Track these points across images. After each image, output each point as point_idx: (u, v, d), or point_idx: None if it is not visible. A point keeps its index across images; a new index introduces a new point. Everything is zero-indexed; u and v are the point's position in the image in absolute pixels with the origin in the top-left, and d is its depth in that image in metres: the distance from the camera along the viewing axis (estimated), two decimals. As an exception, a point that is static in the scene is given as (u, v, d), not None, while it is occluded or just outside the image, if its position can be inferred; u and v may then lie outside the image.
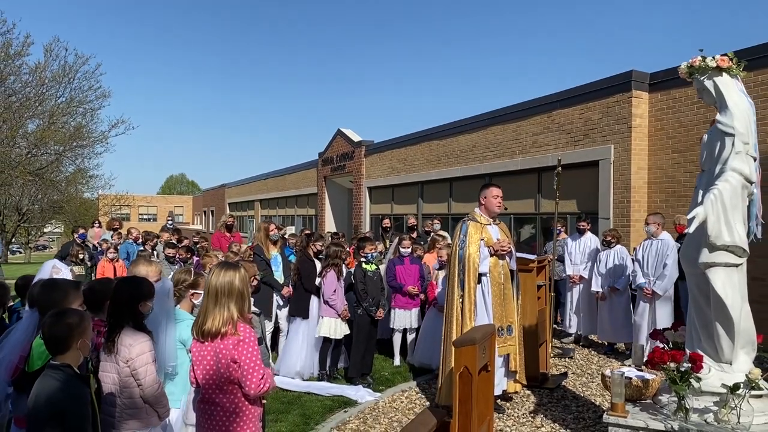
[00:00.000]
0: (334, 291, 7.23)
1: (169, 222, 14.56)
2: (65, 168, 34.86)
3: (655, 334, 4.93)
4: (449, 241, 8.63)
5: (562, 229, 10.11)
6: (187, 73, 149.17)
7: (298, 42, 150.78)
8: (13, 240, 41.80)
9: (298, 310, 7.71)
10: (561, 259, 9.71)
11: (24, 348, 3.41)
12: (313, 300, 7.67)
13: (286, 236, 10.82)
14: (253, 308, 4.19)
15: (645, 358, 4.55)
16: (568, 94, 12.52)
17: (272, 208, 31.61)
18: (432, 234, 10.14)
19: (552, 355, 8.21)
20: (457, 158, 16.15)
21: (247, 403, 3.28)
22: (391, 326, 8.16)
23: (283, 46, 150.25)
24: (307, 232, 10.29)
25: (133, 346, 3.42)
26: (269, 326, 7.89)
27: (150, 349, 3.50)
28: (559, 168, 8.27)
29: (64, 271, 4.88)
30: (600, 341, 9.27)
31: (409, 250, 8.28)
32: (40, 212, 37.56)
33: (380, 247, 9.92)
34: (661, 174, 10.92)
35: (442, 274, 7.93)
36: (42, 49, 32.30)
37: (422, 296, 8.33)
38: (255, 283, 5.16)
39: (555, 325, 9.72)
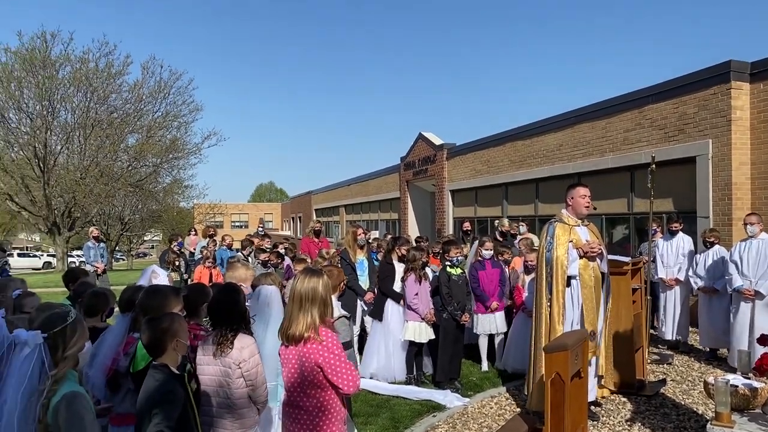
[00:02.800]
0: (416, 294, 7.23)
1: (260, 228, 15.07)
2: (162, 179, 36.95)
3: (763, 340, 4.61)
4: (535, 243, 8.44)
5: (657, 229, 9.63)
6: (272, 84, 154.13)
7: (378, 47, 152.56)
8: (117, 248, 44.60)
9: (375, 312, 7.79)
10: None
11: (117, 351, 3.63)
12: (389, 303, 7.70)
13: (370, 240, 10.93)
14: (342, 311, 4.26)
15: (752, 365, 4.26)
16: (660, 88, 11.94)
17: (356, 213, 32.06)
18: (518, 237, 9.94)
19: (649, 361, 7.84)
20: (543, 158, 15.77)
21: (331, 407, 3.33)
22: (475, 331, 8.06)
23: (363, 52, 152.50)
24: (394, 236, 10.35)
25: (245, 349, 3.56)
26: (354, 330, 8.01)
27: (258, 351, 3.64)
28: (653, 165, 7.90)
29: (162, 277, 5.15)
30: (701, 347, 8.76)
31: (491, 252, 8.12)
32: (141, 221, 39.88)
33: (465, 250, 9.83)
34: (766, 169, 10.20)
35: (529, 278, 7.76)
36: (139, 68, 34.33)
37: (508, 302, 8.19)
38: (343, 286, 5.24)
39: (652, 330, 9.27)
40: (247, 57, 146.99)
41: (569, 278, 5.78)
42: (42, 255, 48.40)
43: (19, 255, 46.38)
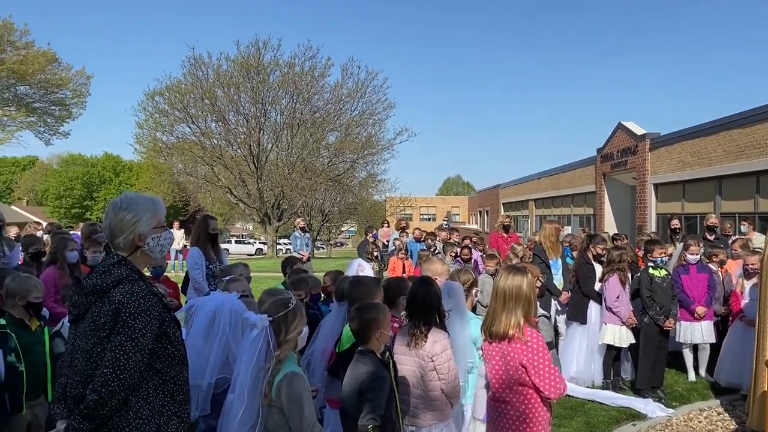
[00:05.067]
0: (618, 297, 6.84)
1: (445, 222, 15.29)
2: (358, 174, 39.03)
3: None
4: (755, 244, 7.52)
5: None
6: (458, 76, 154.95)
7: (570, 33, 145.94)
8: (318, 237, 48.07)
9: (576, 314, 7.47)
10: None
11: (335, 337, 3.91)
12: (592, 305, 7.36)
13: (561, 238, 10.52)
14: (542, 311, 4.19)
15: None
16: None
17: (547, 207, 31.07)
18: (734, 237, 8.92)
19: None
20: (765, 148, 13.96)
21: (537, 405, 3.29)
22: (677, 339, 7.39)
23: (555, 39, 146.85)
24: (589, 233, 9.86)
25: (437, 343, 3.66)
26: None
27: (451, 346, 3.73)
28: None
29: (368, 269, 5.47)
30: None
31: (697, 257, 7.37)
32: (339, 213, 42.48)
33: (670, 250, 9.06)
34: None
35: (749, 283, 6.94)
36: (339, 69, 36.63)
37: (721, 309, 7.41)
38: (539, 284, 5.14)
39: None
40: (436, 50, 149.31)
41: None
42: (254, 242, 53.69)
43: (236, 242, 51.94)
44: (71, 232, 9.57)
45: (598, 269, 7.36)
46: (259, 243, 50.93)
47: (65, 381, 2.54)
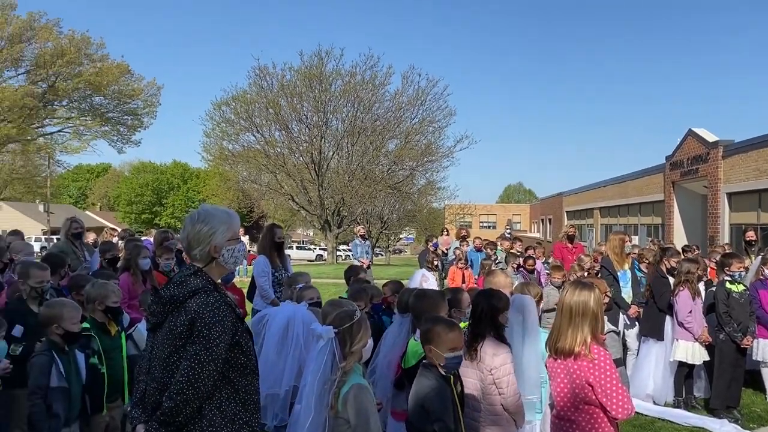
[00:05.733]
0: (690, 312, 6.58)
1: (508, 231, 15.02)
2: (417, 181, 39.07)
3: None
4: None
5: None
6: (521, 82, 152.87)
7: (636, 37, 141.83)
8: (377, 244, 48.30)
9: (651, 330, 7.22)
10: None
11: (400, 349, 3.91)
12: (668, 320, 7.10)
13: (628, 249, 10.18)
14: (610, 326, 4.08)
15: None
16: None
17: (612, 216, 30.20)
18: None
19: None
20: None
21: (604, 425, 3.21)
22: (754, 357, 7.02)
23: (621, 44, 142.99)
24: (663, 245, 9.49)
25: (496, 356, 3.62)
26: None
27: (511, 360, 3.67)
28: None
29: (431, 280, 5.44)
30: None
31: None
32: (397, 220, 42.58)
33: (747, 263, 8.64)
34: None
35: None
36: (400, 77, 36.83)
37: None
38: (606, 300, 5.01)
39: None
40: (500, 57, 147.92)
41: None
42: (315, 248, 54.47)
43: (297, 248, 52.84)
44: (143, 239, 9.96)
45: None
46: (319, 249, 51.63)
47: (143, 387, 2.64)
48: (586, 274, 7.42)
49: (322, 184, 34.84)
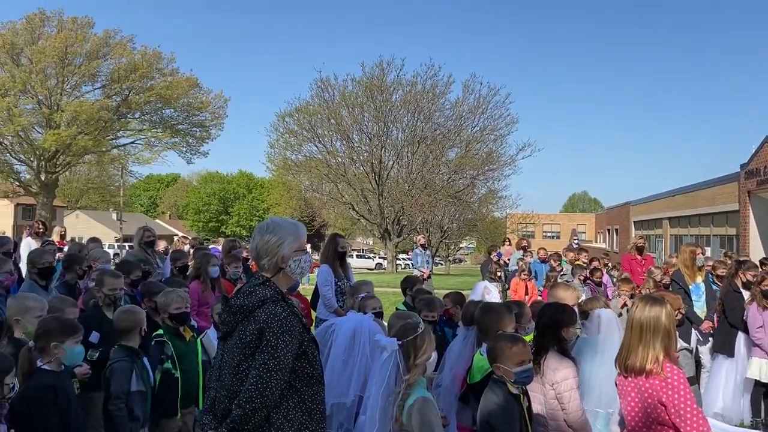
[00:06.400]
0: (760, 327, 6.26)
1: (575, 241, 14.63)
2: (478, 190, 38.78)
3: None
4: None
5: None
6: (585, 88, 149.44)
7: (705, 39, 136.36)
8: (436, 254, 48.13)
9: (722, 346, 6.91)
10: None
11: (466, 362, 3.87)
12: (740, 336, 6.76)
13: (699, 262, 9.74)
14: (683, 343, 3.92)
15: None
16: None
17: (683, 226, 29.06)
18: None
19: None
20: None
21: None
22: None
23: (693, 47, 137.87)
24: (739, 258, 9.03)
25: (558, 371, 3.55)
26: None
27: (574, 376, 3.58)
28: None
29: (494, 292, 5.37)
30: None
31: None
32: (458, 230, 42.31)
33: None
34: None
35: None
36: (461, 86, 36.74)
37: None
38: (679, 317, 4.81)
39: None
40: (561, 62, 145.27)
41: None
42: (374, 257, 54.75)
43: (357, 256, 53.27)
44: (211, 247, 10.26)
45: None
46: (379, 258, 51.85)
47: (214, 394, 2.71)
48: (655, 287, 7.17)
49: (382, 194, 35.09)
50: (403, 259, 44.42)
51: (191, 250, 8.61)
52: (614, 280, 9.43)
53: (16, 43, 32.90)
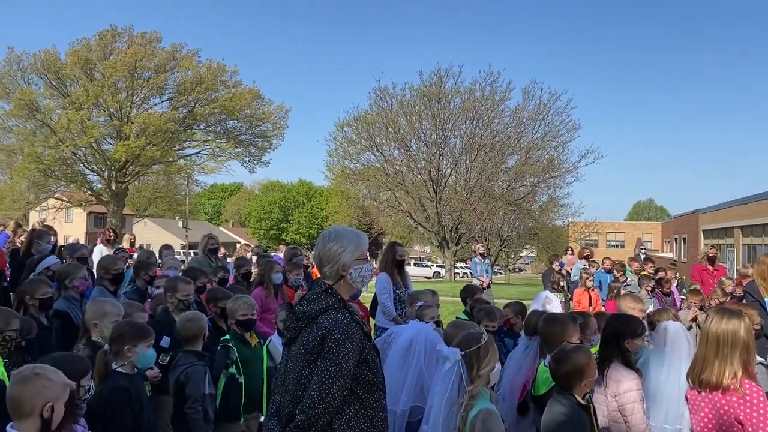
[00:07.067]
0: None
1: (642, 251, 14.14)
2: (539, 198, 38.21)
3: None
4: None
5: None
6: (650, 94, 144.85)
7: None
8: (496, 262, 47.55)
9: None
10: None
11: (527, 373, 3.80)
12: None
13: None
14: (760, 359, 3.73)
15: None
16: None
17: (756, 235, 27.71)
18: None
19: None
20: None
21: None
22: None
23: (754, 48, 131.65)
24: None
25: (621, 383, 3.45)
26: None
27: (638, 388, 3.48)
28: None
29: (555, 302, 5.27)
30: None
31: None
32: (517, 238, 41.74)
33: None
34: None
35: None
36: (520, 92, 36.32)
37: None
38: (756, 328, 4.59)
39: None
40: (625, 67, 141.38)
41: None
42: (432, 265, 54.55)
43: (414, 264, 53.20)
44: (273, 254, 10.46)
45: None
46: (437, 266, 51.63)
47: (279, 399, 2.76)
48: (728, 299, 6.85)
49: (439, 202, 35.00)
50: (461, 267, 44.07)
51: (254, 258, 8.80)
52: (684, 290, 9.08)
53: (90, 58, 34.59)
